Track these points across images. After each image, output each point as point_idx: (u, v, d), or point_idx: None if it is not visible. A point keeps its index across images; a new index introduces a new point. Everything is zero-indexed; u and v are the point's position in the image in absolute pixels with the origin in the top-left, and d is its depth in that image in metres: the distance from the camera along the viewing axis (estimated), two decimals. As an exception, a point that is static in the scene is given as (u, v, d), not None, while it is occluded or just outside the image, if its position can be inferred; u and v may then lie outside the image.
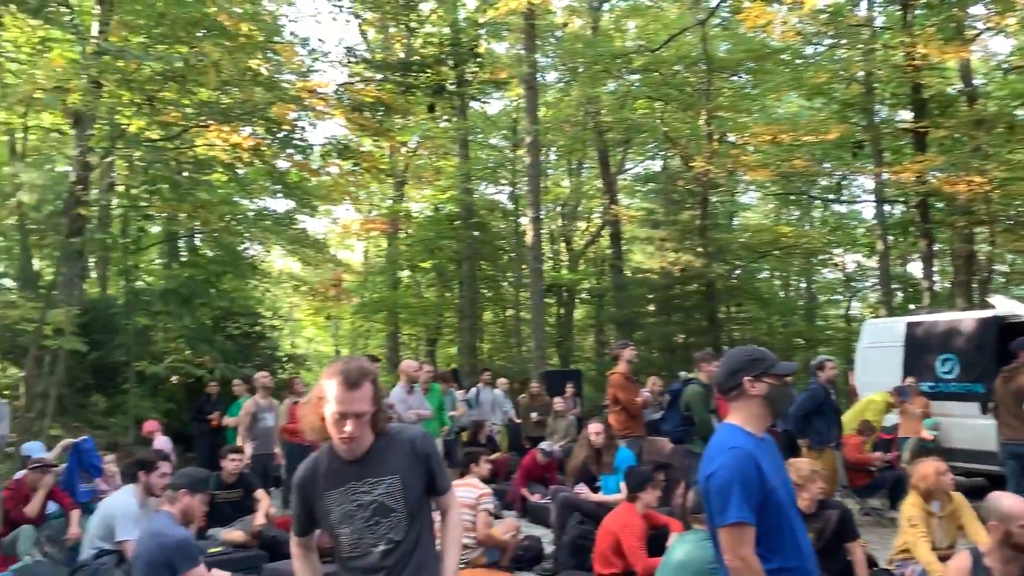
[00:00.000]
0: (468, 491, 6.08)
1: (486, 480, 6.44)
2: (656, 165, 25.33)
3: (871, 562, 5.43)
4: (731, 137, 20.87)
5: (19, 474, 7.14)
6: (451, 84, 18.46)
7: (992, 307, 9.89)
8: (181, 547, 3.96)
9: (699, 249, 19.16)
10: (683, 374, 7.73)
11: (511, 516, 8.51)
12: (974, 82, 18.35)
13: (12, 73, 10.71)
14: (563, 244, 26.48)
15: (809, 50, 18.55)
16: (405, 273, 24.45)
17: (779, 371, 2.71)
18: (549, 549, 6.92)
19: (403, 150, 23.79)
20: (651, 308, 20.89)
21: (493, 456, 9.82)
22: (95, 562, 5.39)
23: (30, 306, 11.21)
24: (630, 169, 26.18)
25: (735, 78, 20.15)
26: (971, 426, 9.01)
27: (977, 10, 16.27)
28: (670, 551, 4.37)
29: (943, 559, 4.72)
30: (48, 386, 11.08)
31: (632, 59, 18.82)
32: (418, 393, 8.55)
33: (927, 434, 9.39)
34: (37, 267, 16.76)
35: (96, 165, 12.31)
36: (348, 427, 2.46)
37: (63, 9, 12.99)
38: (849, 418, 8.96)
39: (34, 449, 7.49)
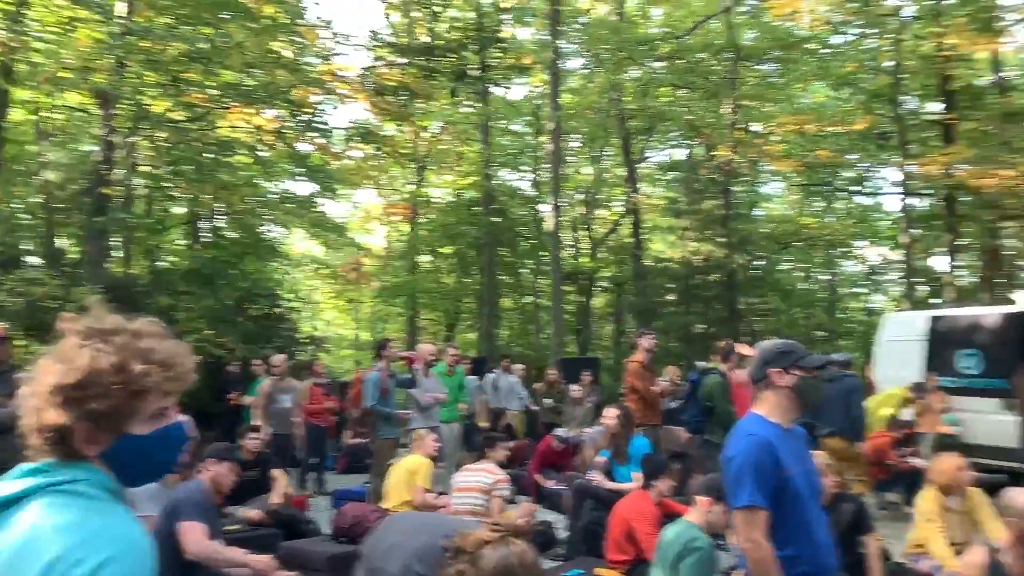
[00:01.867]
0: (484, 476, 6.11)
1: (502, 465, 6.45)
2: (679, 154, 25.14)
3: (885, 556, 5.40)
4: (756, 126, 20.65)
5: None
6: (474, 69, 18.40)
7: (1013, 303, 9.79)
8: (183, 500, 4.17)
9: (721, 239, 19.00)
10: (700, 364, 7.67)
11: (526, 501, 8.55)
12: (1004, 74, 18.03)
13: (39, 52, 10.76)
14: (583, 232, 26.40)
15: (837, 39, 18.32)
16: (425, 258, 24.49)
17: (808, 364, 2.77)
18: (563, 535, 6.95)
19: (425, 135, 23.80)
20: (671, 297, 20.75)
21: (511, 443, 9.86)
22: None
23: (55, 283, 11.33)
24: (652, 157, 26.02)
25: (761, 67, 19.94)
26: (993, 422, 8.92)
27: (1008, 1, 15.97)
28: (665, 530, 4.45)
29: (958, 554, 4.69)
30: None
31: (657, 46, 18.68)
32: (433, 377, 8.60)
33: (947, 429, 9.30)
34: (61, 245, 16.99)
35: (120, 145, 12.41)
36: None
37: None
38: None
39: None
